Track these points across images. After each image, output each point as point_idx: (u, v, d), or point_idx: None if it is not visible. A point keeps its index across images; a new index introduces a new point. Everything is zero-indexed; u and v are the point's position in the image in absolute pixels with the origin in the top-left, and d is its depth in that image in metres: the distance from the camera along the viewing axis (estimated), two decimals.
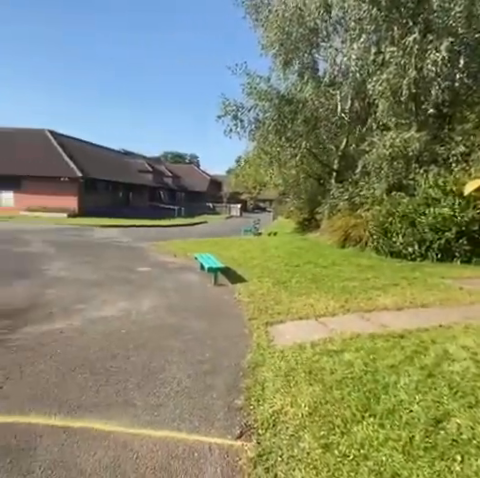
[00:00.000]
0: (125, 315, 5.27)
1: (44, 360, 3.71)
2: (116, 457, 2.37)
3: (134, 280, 7.61)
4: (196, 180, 53.67)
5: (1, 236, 13.76)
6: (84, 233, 16.59)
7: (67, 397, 3.04)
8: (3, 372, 3.41)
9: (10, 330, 4.45)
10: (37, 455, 2.33)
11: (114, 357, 3.86)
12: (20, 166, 24.67)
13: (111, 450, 2.43)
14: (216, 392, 3.25)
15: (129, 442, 2.53)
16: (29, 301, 5.69)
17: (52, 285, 6.79)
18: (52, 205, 24.30)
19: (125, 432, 2.63)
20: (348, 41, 11.87)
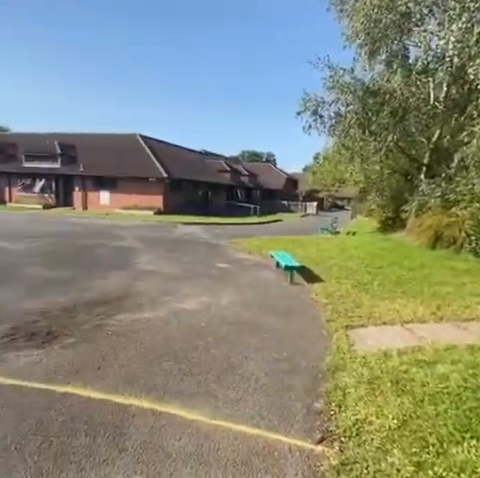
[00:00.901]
0: (205, 309, 5.48)
1: (135, 346, 4.03)
2: (199, 446, 2.47)
3: (213, 275, 7.89)
4: (272, 178, 53.75)
5: (101, 231, 15.35)
6: (168, 229, 17.71)
7: (154, 382, 3.25)
8: (101, 354, 3.78)
9: (107, 316, 4.92)
10: (130, 433, 2.53)
11: (196, 348, 4.04)
12: (116, 168, 27.26)
13: (194, 438, 2.54)
14: (294, 393, 3.20)
15: (211, 433, 2.61)
16: (122, 291, 6.24)
17: (141, 277, 7.36)
18: (142, 203, 26.39)
19: (207, 422, 2.73)
20: (446, 22, 10.77)
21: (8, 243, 10.64)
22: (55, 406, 2.79)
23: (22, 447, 2.32)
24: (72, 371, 3.39)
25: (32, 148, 29.70)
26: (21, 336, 4.13)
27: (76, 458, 2.23)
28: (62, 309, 5.14)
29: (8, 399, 2.87)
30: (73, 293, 5.95)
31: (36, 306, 5.18)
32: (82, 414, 2.70)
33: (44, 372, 3.33)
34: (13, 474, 2.09)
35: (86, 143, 29.83)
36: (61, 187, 29.31)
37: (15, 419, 2.61)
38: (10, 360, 3.54)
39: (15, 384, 3.09)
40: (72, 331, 4.36)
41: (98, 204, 27.90)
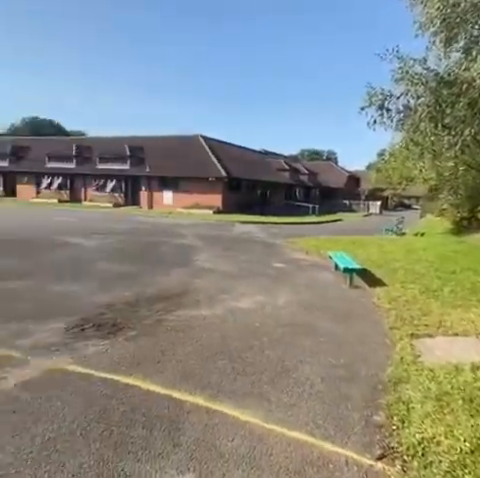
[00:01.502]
0: (260, 308, 5.46)
1: (191, 342, 4.13)
2: (251, 448, 2.44)
3: (269, 275, 7.84)
4: (333, 177, 52.17)
5: (164, 230, 16.10)
6: (226, 228, 18.01)
7: (209, 380, 3.30)
8: (160, 348, 3.94)
9: (167, 312, 5.12)
10: (185, 429, 2.58)
11: (250, 348, 4.02)
12: (178, 168, 28.44)
13: (247, 440, 2.52)
14: (352, 403, 3.04)
15: (264, 436, 2.57)
16: (181, 288, 6.45)
17: (199, 275, 7.55)
18: (202, 203, 27.20)
19: (260, 425, 2.69)
20: None
21: (83, 239, 11.58)
22: (117, 396, 2.95)
23: (87, 433, 2.48)
24: (134, 363, 3.56)
25: (105, 151, 32.12)
26: (90, 327, 4.45)
27: (133, 449, 2.33)
28: (126, 303, 5.44)
29: (77, 386, 3.09)
30: (137, 288, 6.29)
31: (104, 299, 5.55)
32: (141, 406, 2.82)
33: (109, 362, 3.55)
34: (77, 458, 2.24)
35: (153, 145, 31.53)
36: (129, 187, 31.28)
37: (82, 406, 2.80)
38: (80, 349, 3.82)
39: (84, 372, 3.33)
40: (134, 324, 4.59)
41: (162, 203, 29.29)
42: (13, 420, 2.58)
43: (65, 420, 2.60)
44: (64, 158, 33.66)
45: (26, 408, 2.73)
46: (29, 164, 35.53)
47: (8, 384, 3.06)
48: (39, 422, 2.56)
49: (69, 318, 4.69)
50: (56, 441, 2.36)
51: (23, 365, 3.41)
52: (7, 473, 2.07)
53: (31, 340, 3.97)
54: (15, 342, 3.90)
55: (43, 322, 4.49)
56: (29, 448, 2.29)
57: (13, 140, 40.85)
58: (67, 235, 12.32)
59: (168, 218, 22.61)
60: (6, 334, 4.08)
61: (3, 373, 3.22)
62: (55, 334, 4.17)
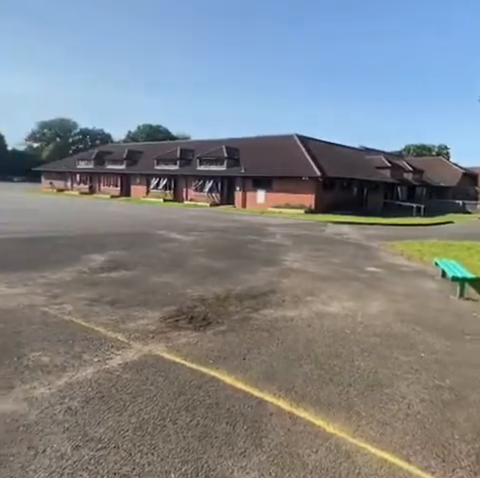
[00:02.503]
0: (351, 315, 5.15)
1: (276, 343, 4.08)
2: (337, 464, 2.29)
3: (362, 279, 7.36)
4: (443, 174, 46.84)
5: (255, 228, 16.41)
6: (317, 228, 17.53)
7: (293, 384, 3.21)
8: (246, 346, 3.98)
9: (254, 310, 5.16)
10: (267, 431, 2.54)
11: (338, 356, 3.81)
12: (271, 168, 28.73)
13: (332, 455, 2.37)
14: (459, 431, 2.65)
15: (352, 453, 2.39)
16: (269, 287, 6.46)
17: (287, 275, 7.47)
18: (293, 202, 27.01)
19: (348, 440, 2.51)
20: None
21: (183, 236, 12.48)
22: (204, 388, 3.06)
23: (176, 420, 2.61)
24: (221, 357, 3.66)
25: (205, 153, 34.15)
26: (183, 318, 4.72)
27: (217, 443, 2.38)
28: (217, 298, 5.65)
29: (170, 373, 3.29)
30: (227, 284, 6.49)
31: (196, 293, 5.85)
32: (226, 401, 2.88)
33: (198, 354, 3.71)
34: (167, 443, 2.37)
35: (248, 146, 32.47)
36: (225, 187, 32.70)
37: (173, 392, 2.97)
38: (173, 338, 4.07)
39: (176, 361, 3.54)
40: (223, 320, 4.73)
41: (255, 203, 29.91)
42: (115, 397, 2.86)
43: (157, 404, 2.78)
44: (169, 161, 36.79)
45: (125, 387, 3.00)
46: (141, 167, 39.77)
47: (113, 363, 3.41)
48: (135, 402, 2.79)
49: (165, 308, 5.04)
50: (149, 423, 2.54)
51: (125, 348, 3.76)
52: (107, 446, 2.29)
53: (133, 326, 4.37)
54: (120, 326, 4.34)
55: (143, 310, 4.92)
56: (126, 426, 2.50)
57: (129, 146, 46.28)
58: (170, 231, 13.42)
59: (260, 217, 22.95)
60: (115, 318, 4.57)
61: (110, 354, 3.60)
62: (153, 322, 4.53)
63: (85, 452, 2.20)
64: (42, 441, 2.28)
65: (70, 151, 74.95)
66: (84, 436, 2.35)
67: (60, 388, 2.94)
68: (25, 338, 3.85)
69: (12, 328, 4.08)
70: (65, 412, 2.61)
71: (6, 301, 4.97)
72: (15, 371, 3.17)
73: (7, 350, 3.54)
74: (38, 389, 2.90)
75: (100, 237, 11.45)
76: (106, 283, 6.24)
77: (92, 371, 3.25)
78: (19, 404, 2.68)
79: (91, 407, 2.69)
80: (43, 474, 2.00)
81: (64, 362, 3.38)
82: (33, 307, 4.80)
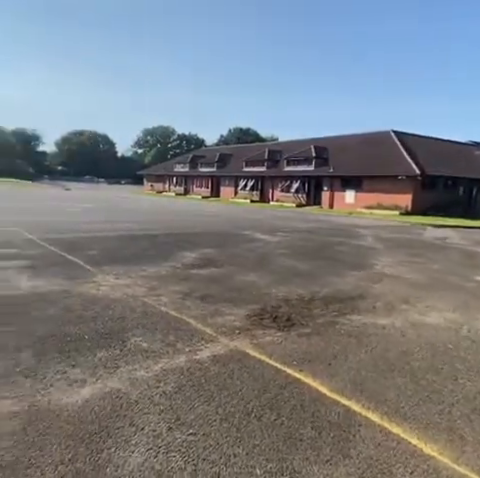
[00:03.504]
0: (454, 328, 4.62)
1: (365, 350, 3.86)
2: None
3: (468, 289, 6.55)
4: None
5: (343, 229, 15.82)
6: (414, 232, 16.13)
7: (385, 396, 3.00)
8: (332, 351, 3.84)
9: (340, 314, 4.97)
10: (355, 442, 2.42)
11: (438, 372, 3.45)
12: (362, 167, 27.36)
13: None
14: None
15: None
16: (357, 291, 6.14)
17: (378, 280, 7.01)
18: (386, 203, 25.29)
19: (449, 466, 2.26)
20: None
21: (268, 236, 12.64)
22: (289, 388, 3.04)
23: (260, 417, 2.65)
24: (305, 360, 3.60)
25: (292, 153, 34.02)
26: (267, 317, 4.76)
27: (302, 446, 2.34)
28: (300, 299, 5.57)
29: (255, 370, 3.35)
30: (312, 286, 6.36)
31: (281, 293, 5.85)
32: (310, 405, 2.82)
33: (282, 354, 3.70)
34: (252, 439, 2.41)
35: (338, 145, 31.41)
36: (312, 187, 32.11)
37: (257, 389, 3.02)
38: (258, 336, 4.14)
39: (260, 358, 3.59)
40: (307, 322, 4.65)
41: (343, 203, 28.78)
42: (204, 387, 3.01)
43: (242, 399, 2.85)
44: (257, 162, 37.53)
45: (213, 379, 3.15)
46: (230, 169, 41.34)
47: (203, 355, 3.60)
48: (222, 394, 2.91)
49: (250, 306, 5.15)
50: (234, 416, 2.62)
51: (214, 342, 3.94)
52: (197, 432, 2.43)
53: (220, 321, 4.56)
54: (209, 320, 4.56)
55: (230, 307, 5.09)
56: (214, 416, 2.62)
57: (220, 149, 48.60)
58: (255, 231, 13.68)
59: (348, 218, 22.00)
60: (204, 313, 4.82)
61: (200, 345, 3.81)
62: (239, 319, 4.66)
63: (178, 435, 2.36)
64: (141, 419, 2.52)
65: (168, 156, 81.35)
66: (177, 420, 2.53)
67: (156, 372, 3.20)
68: (129, 324, 4.29)
69: (118, 315, 4.58)
70: (161, 395, 2.84)
71: (113, 290, 5.59)
72: (120, 353, 3.54)
73: (114, 334, 3.98)
74: (139, 371, 3.21)
75: (191, 235, 12.20)
76: (197, 279, 6.62)
77: (184, 360, 3.47)
78: (123, 383, 2.99)
79: (183, 393, 2.88)
80: (142, 449, 2.21)
81: (160, 349, 3.68)
82: (135, 297, 5.32)
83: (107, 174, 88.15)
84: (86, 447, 2.20)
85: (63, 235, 10.84)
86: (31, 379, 2.97)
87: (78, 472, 1.99)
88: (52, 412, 2.55)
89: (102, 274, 6.54)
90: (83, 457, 2.10)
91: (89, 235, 11.21)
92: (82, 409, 2.60)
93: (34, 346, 3.57)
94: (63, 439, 2.27)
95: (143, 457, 2.14)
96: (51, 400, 2.69)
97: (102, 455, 2.13)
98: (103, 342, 3.76)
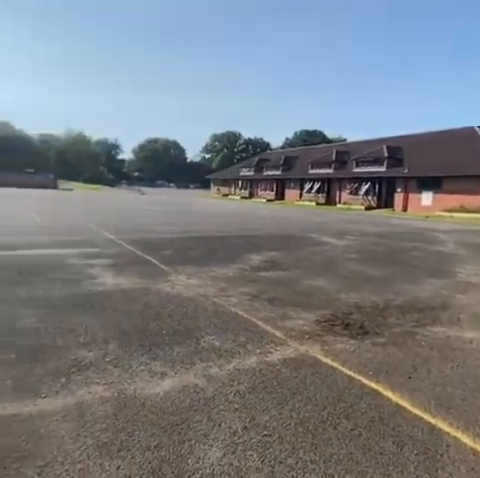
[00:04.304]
0: None
1: (451, 366, 3.56)
2: None
3: None
4: None
5: (418, 233, 14.79)
6: None
7: (476, 418, 2.73)
8: (412, 363, 3.61)
9: (419, 325, 4.64)
10: (443, 463, 2.22)
11: None
12: (442, 166, 25.29)
13: None
14: None
15: None
16: (438, 301, 5.69)
17: (462, 290, 6.42)
18: (470, 205, 23.05)
19: None
20: None
21: (335, 239, 12.30)
22: (365, 399, 2.92)
23: (336, 426, 2.57)
24: (381, 370, 3.43)
25: (362, 154, 32.68)
26: (338, 324, 4.62)
27: (383, 461, 2.22)
28: (374, 307, 5.32)
29: (327, 377, 3.28)
30: (385, 293, 6.03)
31: (351, 299, 5.64)
32: (390, 418, 2.68)
33: (356, 362, 3.57)
34: (328, 448, 2.35)
35: (413, 144, 29.47)
36: (383, 189, 30.49)
37: (331, 398, 2.94)
38: (329, 342, 4.04)
39: (332, 365, 3.50)
40: (382, 331, 4.42)
41: (419, 205, 26.86)
42: (276, 389, 3.03)
43: (316, 405, 2.81)
44: (324, 164, 36.73)
45: (285, 382, 3.14)
46: (295, 171, 41.00)
47: (273, 358, 3.62)
48: (295, 399, 2.89)
49: (319, 311, 5.04)
50: (309, 422, 2.59)
51: (283, 345, 3.93)
52: (272, 434, 2.44)
53: (289, 324, 4.53)
54: (278, 323, 4.56)
55: (298, 311, 5.04)
56: (288, 420, 2.61)
57: (286, 152, 48.53)
58: (322, 234, 13.40)
59: (425, 222, 20.49)
60: (273, 316, 4.84)
61: (270, 348, 3.83)
62: (308, 323, 4.59)
63: (253, 434, 2.40)
64: (218, 416, 2.60)
65: (235, 160, 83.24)
66: (252, 419, 2.57)
67: (229, 371, 3.29)
68: (201, 323, 4.46)
69: (191, 313, 4.79)
70: (235, 394, 2.91)
71: (186, 289, 5.87)
72: (195, 350, 3.71)
73: (189, 331, 4.18)
74: (213, 368, 3.33)
75: (257, 238, 12.31)
76: (264, 281, 6.67)
77: (255, 361, 3.52)
78: (199, 379, 3.12)
79: (256, 394, 2.92)
80: (221, 444, 2.28)
81: (232, 349, 3.77)
82: (206, 297, 5.53)
83: (177, 179, 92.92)
84: (169, 437, 2.33)
85: (139, 235, 11.64)
86: (119, 369, 3.23)
87: (163, 460, 2.12)
88: (138, 400, 2.75)
89: (176, 274, 6.89)
90: (167, 446, 2.24)
91: (162, 236, 11.90)
92: (164, 400, 2.77)
93: (120, 338, 3.89)
94: (148, 427, 2.43)
95: (221, 452, 2.21)
96: (136, 389, 2.91)
97: (184, 446, 2.25)
98: (179, 338, 3.96)
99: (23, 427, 2.35)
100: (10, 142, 77.78)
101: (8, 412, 2.51)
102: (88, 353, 3.50)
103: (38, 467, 1.99)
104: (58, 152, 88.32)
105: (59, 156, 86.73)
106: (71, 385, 2.91)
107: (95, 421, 2.45)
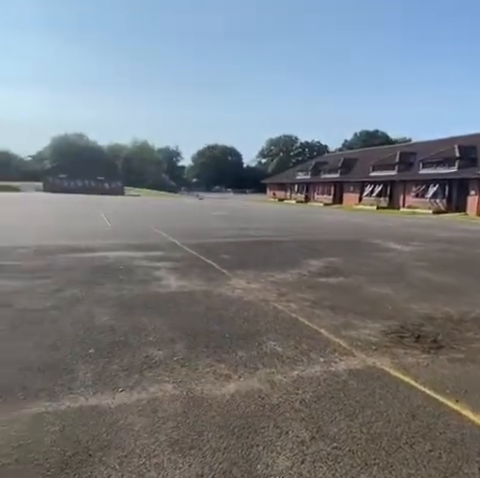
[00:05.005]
0: None
1: None
2: None
3: None
4: None
5: None
6: None
7: None
8: None
9: None
10: None
11: None
12: None
13: None
14: None
15: None
16: None
17: None
18: None
19: None
20: None
21: (399, 245, 11.68)
22: (443, 419, 2.71)
23: (412, 445, 2.41)
24: (460, 389, 3.16)
25: (429, 155, 30.67)
26: (408, 336, 4.35)
27: None
28: (447, 319, 4.93)
29: (398, 392, 3.10)
30: (459, 304, 5.57)
31: (422, 310, 5.28)
32: (474, 442, 2.45)
33: (430, 379, 3.33)
34: (404, 468, 2.22)
35: None
36: (454, 192, 28.27)
37: (405, 414, 2.77)
38: (398, 355, 3.81)
39: (403, 380, 3.30)
40: (459, 346, 4.07)
41: None
42: (344, 401, 2.92)
43: (389, 421, 2.66)
44: (386, 166, 35.02)
45: (353, 394, 3.02)
46: (355, 174, 39.63)
47: (338, 368, 3.50)
48: (364, 412, 2.76)
49: (386, 321, 4.79)
50: (381, 438, 2.46)
51: (348, 355, 3.79)
52: (342, 447, 2.36)
53: (354, 334, 4.36)
54: (341, 332, 4.42)
55: (363, 319, 4.84)
56: (358, 434, 2.51)
57: (344, 154, 47.13)
58: (385, 240, 12.77)
59: None
60: (335, 324, 4.69)
61: (334, 357, 3.72)
62: (374, 334, 4.38)
63: (322, 446, 2.34)
64: (284, 424, 2.58)
65: (290, 164, 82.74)
66: (319, 430, 2.51)
67: (294, 379, 3.25)
68: (262, 327, 4.47)
69: (252, 317, 4.82)
70: (300, 402, 2.86)
71: (246, 294, 5.92)
72: (257, 355, 3.72)
73: (250, 335, 4.20)
74: (276, 375, 3.31)
75: (317, 243, 12.06)
76: (324, 287, 6.50)
77: (319, 370, 3.43)
78: (263, 384, 3.12)
79: (322, 404, 2.85)
80: (289, 453, 2.26)
81: (294, 356, 3.72)
82: (266, 301, 5.52)
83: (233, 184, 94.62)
84: (237, 440, 2.36)
85: (200, 239, 12.01)
86: (186, 368, 3.35)
87: (233, 462, 2.15)
88: (205, 401, 2.82)
89: (235, 278, 6.99)
90: (235, 449, 2.27)
91: (221, 240, 12.15)
92: (229, 403, 2.81)
93: (186, 339, 4.03)
94: (216, 428, 2.48)
95: (290, 461, 2.18)
96: (203, 390, 2.99)
97: (252, 451, 2.26)
98: (241, 342, 4.01)
99: (103, 418, 2.53)
100: (86, 152, 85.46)
101: (90, 403, 2.72)
102: (157, 351, 3.68)
103: (118, 457, 2.13)
104: (125, 160, 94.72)
105: (125, 164, 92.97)
106: (144, 382, 3.08)
107: (167, 418, 2.56)
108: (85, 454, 2.15)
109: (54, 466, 2.04)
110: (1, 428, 2.39)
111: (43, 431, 2.37)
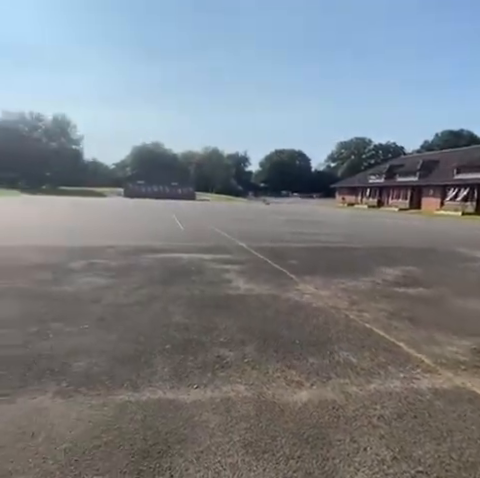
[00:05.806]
0: None
1: None
2: None
3: None
4: None
5: None
6: None
7: None
8: None
9: None
10: None
11: None
12: None
13: None
14: None
15: None
16: None
17: None
18: None
19: None
20: None
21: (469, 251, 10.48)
22: None
23: None
24: None
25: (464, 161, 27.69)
26: None
27: None
28: None
29: None
30: None
31: None
32: None
33: None
34: None
35: None
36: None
37: None
38: None
39: None
40: None
41: None
42: (429, 422, 2.68)
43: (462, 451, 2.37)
44: (474, 168, 31.85)
45: (440, 416, 2.75)
46: (436, 177, 36.72)
47: (421, 385, 3.22)
48: (455, 437, 2.50)
49: (476, 338, 4.32)
50: (477, 468, 2.20)
51: (433, 373, 3.48)
52: (428, 472, 2.15)
53: (438, 350, 3.99)
54: (423, 347, 4.07)
55: (448, 335, 4.41)
56: (447, 459, 2.27)
57: (423, 156, 43.91)
58: (473, 249, 11.56)
59: None
60: (416, 338, 4.34)
61: (416, 374, 3.44)
62: (462, 352, 3.97)
63: (405, 467, 2.16)
64: (362, 439, 2.43)
65: (362, 167, 79.33)
66: (401, 450, 2.32)
67: (370, 392, 3.06)
68: (333, 336, 4.30)
69: (322, 324, 4.67)
70: (379, 418, 2.68)
71: (315, 300, 5.76)
72: (329, 364, 3.58)
73: (321, 343, 4.07)
74: (350, 387, 3.15)
75: (391, 250, 11.37)
76: (402, 298, 6.07)
77: (399, 386, 3.19)
78: (337, 395, 2.99)
79: (404, 423, 2.64)
80: (368, 471, 2.12)
81: (371, 368, 3.52)
82: (337, 309, 5.31)
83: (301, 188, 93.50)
84: (311, 450, 2.28)
85: (267, 243, 12.02)
86: (256, 371, 3.34)
87: (307, 472, 2.08)
88: (277, 406, 2.78)
89: (304, 283, 6.85)
90: (310, 459, 2.19)
91: (289, 245, 12.04)
92: (302, 411, 2.74)
93: (256, 341, 4.03)
94: (289, 435, 2.43)
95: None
96: (275, 394, 2.95)
97: (328, 463, 2.17)
98: (312, 349, 3.89)
99: (180, 413, 2.63)
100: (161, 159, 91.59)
101: (167, 397, 2.85)
102: (229, 352, 3.73)
103: (195, 452, 2.19)
104: (196, 166, 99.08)
105: (197, 170, 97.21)
106: (216, 380, 3.14)
107: (240, 418, 2.58)
108: (164, 445, 2.25)
109: (138, 453, 2.17)
110: (94, 412, 2.61)
111: (127, 418, 2.53)
